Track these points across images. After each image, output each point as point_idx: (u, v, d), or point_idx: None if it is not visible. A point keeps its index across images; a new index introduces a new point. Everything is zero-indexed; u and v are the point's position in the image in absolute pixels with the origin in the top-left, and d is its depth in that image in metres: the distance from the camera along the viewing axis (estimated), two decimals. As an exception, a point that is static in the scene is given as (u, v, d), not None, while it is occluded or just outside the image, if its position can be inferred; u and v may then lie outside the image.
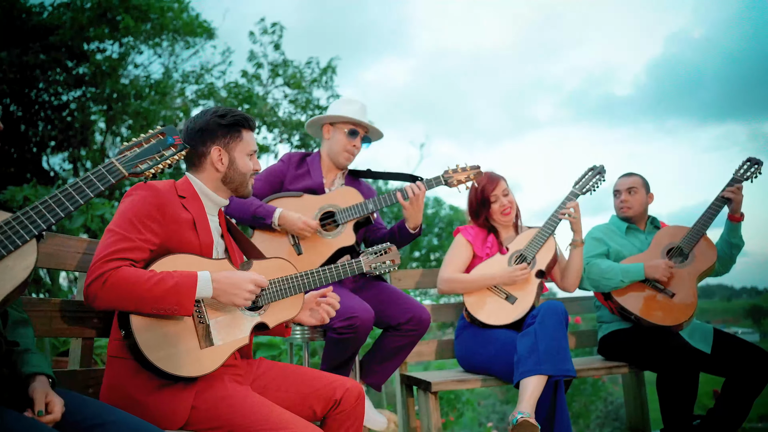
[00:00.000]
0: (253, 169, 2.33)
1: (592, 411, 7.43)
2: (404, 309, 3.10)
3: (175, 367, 1.94)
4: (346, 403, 2.21)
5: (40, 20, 9.59)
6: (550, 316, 3.02)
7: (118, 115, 11.30)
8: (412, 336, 3.12)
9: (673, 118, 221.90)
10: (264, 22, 12.50)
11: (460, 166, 3.20)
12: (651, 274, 3.38)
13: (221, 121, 2.29)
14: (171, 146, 1.78)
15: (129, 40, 10.89)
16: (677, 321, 3.32)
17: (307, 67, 12.46)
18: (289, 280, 2.28)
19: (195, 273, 1.98)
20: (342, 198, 3.17)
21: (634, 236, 3.73)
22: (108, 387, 2.03)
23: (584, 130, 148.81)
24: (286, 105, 12.54)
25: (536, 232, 3.40)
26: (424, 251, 17.58)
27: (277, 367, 2.30)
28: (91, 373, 2.39)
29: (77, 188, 1.62)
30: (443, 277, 3.40)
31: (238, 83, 12.00)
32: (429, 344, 3.66)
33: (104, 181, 1.66)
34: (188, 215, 2.17)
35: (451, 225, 18.36)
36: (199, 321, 2.04)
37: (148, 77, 11.36)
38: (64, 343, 5.98)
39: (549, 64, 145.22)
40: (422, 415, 3.29)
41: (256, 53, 12.57)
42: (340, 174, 3.40)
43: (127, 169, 1.69)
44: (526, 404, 2.83)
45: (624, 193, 3.72)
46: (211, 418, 1.96)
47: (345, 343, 2.89)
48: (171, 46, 11.58)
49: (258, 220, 3.01)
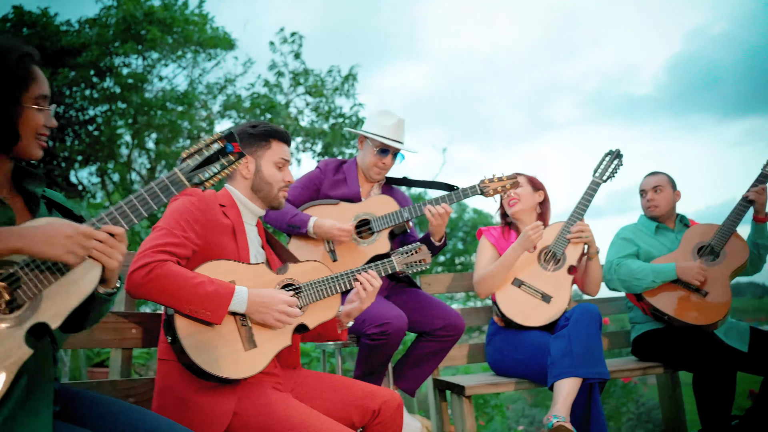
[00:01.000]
0: (283, 180, 2.36)
1: (624, 413, 7.33)
2: (438, 315, 3.11)
3: (221, 369, 2.00)
4: (384, 413, 2.23)
5: (69, 41, 9.81)
6: (584, 317, 3.00)
7: (144, 128, 11.49)
8: (446, 342, 3.14)
9: (695, 115, 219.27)
10: (284, 32, 12.62)
11: (497, 176, 3.19)
12: (683, 275, 3.34)
13: (252, 131, 2.36)
14: (230, 154, 1.73)
15: (151, 53, 11.07)
16: (711, 320, 3.28)
17: (328, 75, 12.55)
18: (325, 281, 2.31)
19: (233, 286, 2.04)
20: (377, 206, 3.19)
21: (664, 235, 3.69)
22: (159, 389, 2.10)
23: (604, 130, 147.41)
24: (308, 113, 12.64)
25: (562, 227, 3.36)
26: (449, 255, 17.54)
27: (315, 376, 2.33)
28: (132, 383, 2.44)
29: (141, 200, 1.61)
30: (475, 280, 3.40)
31: (261, 93, 12.12)
32: (461, 349, 3.66)
33: (167, 192, 1.65)
34: (228, 222, 2.24)
35: (475, 228, 18.31)
36: (242, 324, 2.09)
37: (173, 90, 11.53)
38: (98, 354, 6.10)
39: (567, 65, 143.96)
40: (456, 420, 3.29)
41: (276, 63, 12.69)
42: (377, 184, 3.43)
43: (189, 179, 1.67)
44: (561, 407, 2.82)
45: (650, 192, 3.69)
46: (253, 425, 2.00)
47: (378, 349, 2.91)
48: (194, 59, 11.75)
49: (293, 229, 3.04)
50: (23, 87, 1.58)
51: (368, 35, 33.34)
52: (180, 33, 10.55)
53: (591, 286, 3.43)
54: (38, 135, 1.64)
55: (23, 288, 1.46)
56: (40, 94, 1.62)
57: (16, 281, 1.46)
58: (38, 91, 1.62)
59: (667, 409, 3.91)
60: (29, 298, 1.47)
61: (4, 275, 1.46)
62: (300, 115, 12.64)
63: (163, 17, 10.31)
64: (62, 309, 1.50)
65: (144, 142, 12.31)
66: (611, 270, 3.52)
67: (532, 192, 3.48)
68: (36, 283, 1.47)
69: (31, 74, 1.61)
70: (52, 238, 1.41)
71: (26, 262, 1.47)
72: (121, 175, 12.35)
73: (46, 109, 1.64)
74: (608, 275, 3.55)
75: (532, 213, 3.50)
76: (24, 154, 1.63)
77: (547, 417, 2.81)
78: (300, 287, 2.27)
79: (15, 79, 1.57)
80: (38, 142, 1.64)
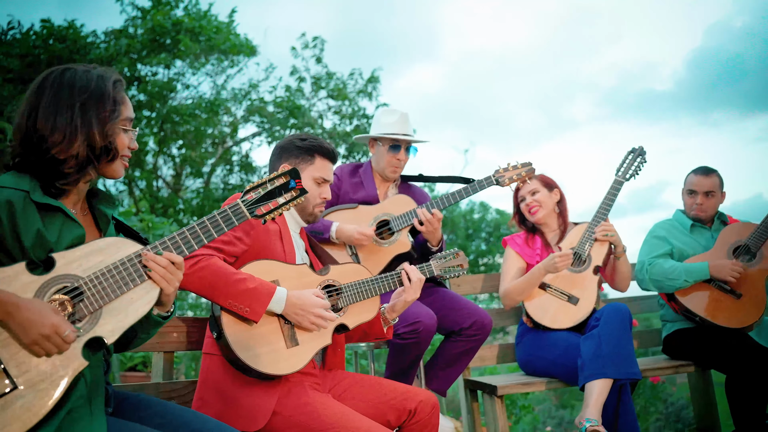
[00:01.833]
0: (320, 197, 2.43)
1: (652, 413, 7.26)
2: (466, 314, 3.14)
3: (263, 365, 2.08)
4: (421, 413, 2.27)
5: (98, 54, 10.00)
6: (614, 318, 3.00)
7: (169, 136, 11.66)
8: (474, 341, 3.16)
9: (716, 110, 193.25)
10: (305, 37, 12.72)
11: (511, 165, 3.19)
12: (716, 274, 3.29)
13: (298, 143, 2.43)
14: (293, 190, 1.81)
15: (175, 62, 11.23)
16: (744, 323, 3.24)
17: (350, 78, 12.63)
18: (366, 283, 2.38)
19: (274, 287, 2.12)
20: (395, 206, 3.23)
21: (700, 234, 3.61)
22: (202, 381, 2.19)
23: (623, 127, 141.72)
24: (331, 116, 12.73)
25: (586, 228, 3.34)
26: (473, 257, 17.50)
27: (352, 377, 2.38)
28: (173, 385, 2.52)
29: (203, 227, 1.71)
30: (501, 292, 3.42)
31: (284, 97, 12.25)
32: (491, 349, 3.68)
33: (229, 222, 1.74)
34: (276, 226, 2.35)
35: (497, 229, 18.22)
36: (285, 322, 2.18)
37: (201, 97, 11.69)
38: (130, 358, 6.20)
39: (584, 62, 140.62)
40: (488, 420, 3.32)
41: (297, 68, 12.80)
42: (393, 184, 3.47)
43: (250, 212, 1.76)
44: (593, 409, 2.83)
45: (701, 196, 3.56)
46: (292, 424, 2.07)
47: (408, 349, 2.95)
48: (218, 66, 11.90)
49: (316, 235, 3.10)
50: (118, 109, 1.69)
51: (384, 38, 33.27)
52: (207, 42, 10.71)
53: (621, 283, 3.42)
54: (123, 156, 1.74)
55: (85, 302, 1.56)
56: (127, 116, 1.74)
57: (80, 295, 1.56)
58: (126, 114, 1.73)
59: (700, 408, 3.88)
60: (89, 312, 1.57)
61: (69, 288, 1.55)
62: (321, 119, 12.74)
63: (191, 27, 10.48)
64: (119, 326, 1.59)
65: (169, 149, 12.50)
66: (643, 270, 3.49)
67: (548, 193, 3.44)
68: (98, 298, 1.57)
69: (123, 98, 1.73)
70: (30, 327, 1.44)
71: (90, 278, 1.56)
72: (147, 182, 12.55)
73: (131, 130, 1.75)
74: (640, 275, 3.53)
75: (552, 214, 3.47)
76: (109, 172, 1.73)
77: (580, 420, 2.83)
78: (341, 288, 2.34)
79: (113, 102, 1.68)
80: (122, 162, 1.76)
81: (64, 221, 1.64)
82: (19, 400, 1.42)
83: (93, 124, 1.64)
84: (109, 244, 1.63)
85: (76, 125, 1.62)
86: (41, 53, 9.65)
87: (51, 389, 1.46)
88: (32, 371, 1.46)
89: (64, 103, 1.63)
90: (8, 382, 1.43)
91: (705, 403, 3.83)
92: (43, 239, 1.57)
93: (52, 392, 1.46)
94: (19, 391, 1.43)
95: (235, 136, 12.90)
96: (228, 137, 12.53)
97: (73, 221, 1.66)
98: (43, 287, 1.52)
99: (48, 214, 1.61)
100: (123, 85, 1.75)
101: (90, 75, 1.68)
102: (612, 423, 2.94)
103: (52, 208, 1.62)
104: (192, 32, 10.48)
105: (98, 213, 1.80)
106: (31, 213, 1.57)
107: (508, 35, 46.84)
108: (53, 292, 1.53)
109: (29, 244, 1.55)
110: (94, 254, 1.60)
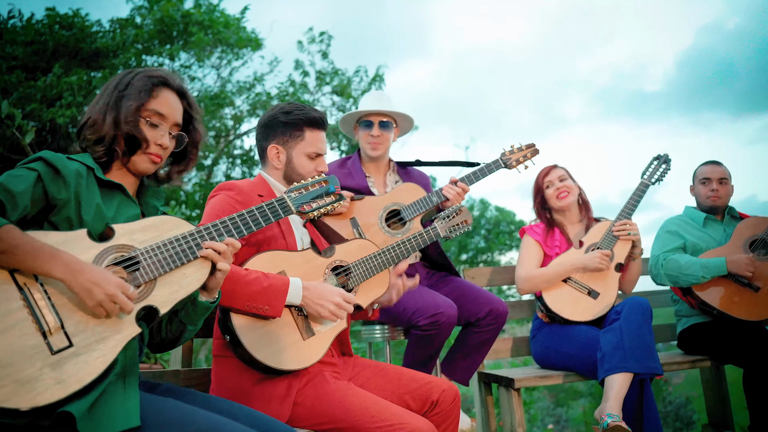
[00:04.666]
0: (316, 171, 2.34)
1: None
2: (481, 303, 3.10)
3: (284, 362, 2.02)
4: (443, 404, 2.23)
5: (104, 43, 9.94)
6: (636, 311, 3.00)
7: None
8: (492, 330, 3.14)
9: (707, 111, 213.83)
10: (312, 32, 12.67)
11: (516, 146, 3.19)
12: (733, 269, 3.30)
13: (283, 118, 2.32)
14: (332, 194, 1.98)
15: (182, 54, 11.18)
16: (763, 316, 3.25)
17: (355, 76, 12.59)
18: (373, 258, 2.32)
19: (288, 279, 2.06)
20: (405, 195, 3.17)
21: (712, 228, 3.64)
22: (218, 384, 2.13)
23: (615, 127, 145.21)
24: (334, 112, 12.69)
25: (609, 225, 3.37)
26: (472, 253, 17.50)
27: (373, 365, 2.34)
28: (192, 372, 2.52)
29: (252, 216, 1.84)
30: (521, 276, 3.38)
31: (288, 91, 12.20)
32: (505, 341, 3.68)
33: (276, 214, 1.90)
34: None
35: (497, 226, 18.22)
36: (299, 313, 2.12)
37: (207, 90, 11.64)
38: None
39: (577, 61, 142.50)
40: (504, 413, 3.31)
41: (302, 62, 12.75)
42: (390, 171, 3.41)
43: (296, 207, 1.92)
44: (613, 404, 2.80)
45: (715, 182, 3.64)
46: (315, 414, 2.03)
47: (429, 339, 2.92)
48: (224, 59, 11.85)
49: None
50: (143, 99, 1.76)
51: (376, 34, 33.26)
52: (215, 34, 10.66)
53: (628, 285, 3.45)
54: (149, 151, 1.78)
55: (141, 271, 1.60)
56: (155, 109, 1.78)
57: (134, 265, 1.60)
58: (155, 107, 1.78)
59: (712, 403, 3.89)
60: (145, 282, 1.61)
61: (125, 257, 1.59)
62: (325, 114, 12.69)
63: (201, 19, 10.42)
64: (172, 297, 1.63)
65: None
66: (657, 265, 3.50)
67: (574, 183, 3.50)
68: (153, 269, 1.62)
69: (153, 91, 1.78)
70: (94, 287, 1.47)
71: (146, 249, 1.62)
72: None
73: (157, 125, 1.78)
74: (654, 270, 3.54)
75: (575, 205, 3.50)
76: (135, 165, 1.78)
77: (601, 415, 2.80)
78: (349, 267, 2.28)
79: (140, 92, 1.76)
80: (149, 156, 1.78)
81: (122, 200, 1.74)
82: (73, 358, 1.45)
83: (119, 109, 1.73)
84: (165, 221, 1.69)
85: (106, 111, 1.74)
86: (48, 40, 9.57)
87: (103, 352, 1.49)
88: (88, 332, 1.49)
89: (108, 94, 1.77)
90: (65, 338, 1.46)
91: (718, 399, 3.84)
92: (102, 213, 1.64)
93: (104, 355, 1.49)
94: (73, 349, 1.46)
95: (238, 129, 12.85)
96: (231, 130, 12.47)
97: (131, 200, 1.76)
98: (102, 254, 1.57)
99: (108, 193, 1.71)
100: (165, 82, 1.82)
101: (137, 72, 1.81)
102: (635, 419, 2.92)
103: (113, 187, 1.72)
104: (201, 25, 10.42)
105: (146, 205, 1.86)
106: (93, 188, 1.66)
107: (502, 33, 47.03)
108: (110, 261, 1.58)
109: (89, 217, 1.61)
110: (150, 229, 1.66)
